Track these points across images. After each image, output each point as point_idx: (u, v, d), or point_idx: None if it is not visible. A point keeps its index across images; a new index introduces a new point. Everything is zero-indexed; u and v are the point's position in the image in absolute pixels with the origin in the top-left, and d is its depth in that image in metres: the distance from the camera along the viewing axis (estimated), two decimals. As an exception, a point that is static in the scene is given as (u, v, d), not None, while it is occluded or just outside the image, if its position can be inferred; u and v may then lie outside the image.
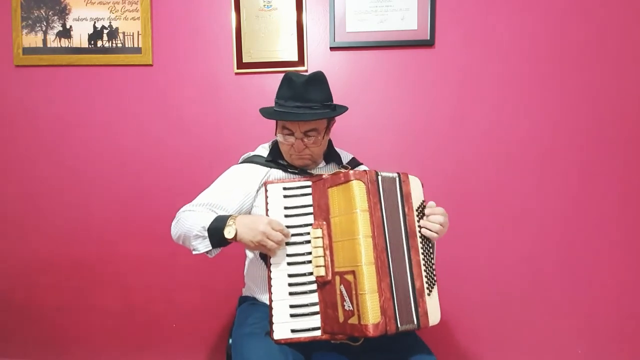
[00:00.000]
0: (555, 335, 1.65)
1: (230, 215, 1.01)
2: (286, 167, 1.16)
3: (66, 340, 1.75)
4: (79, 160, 1.71)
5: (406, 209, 0.99)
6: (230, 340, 1.13)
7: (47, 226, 1.72)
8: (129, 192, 1.70)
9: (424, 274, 0.98)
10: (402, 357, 0.97)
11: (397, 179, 1.00)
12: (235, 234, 0.97)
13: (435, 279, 1.00)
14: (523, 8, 1.60)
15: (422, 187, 1.06)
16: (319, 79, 1.10)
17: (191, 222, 1.03)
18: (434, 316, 0.96)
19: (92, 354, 1.75)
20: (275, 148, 1.19)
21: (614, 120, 1.60)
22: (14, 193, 1.72)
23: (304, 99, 1.07)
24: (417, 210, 1.02)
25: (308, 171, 1.17)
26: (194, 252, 1.03)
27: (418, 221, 1.01)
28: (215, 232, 0.99)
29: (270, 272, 0.98)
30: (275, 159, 1.17)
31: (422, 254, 0.99)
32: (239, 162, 1.22)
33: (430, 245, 1.02)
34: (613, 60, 1.59)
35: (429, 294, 0.97)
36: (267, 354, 0.91)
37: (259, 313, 1.08)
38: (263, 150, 1.23)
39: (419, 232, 1.00)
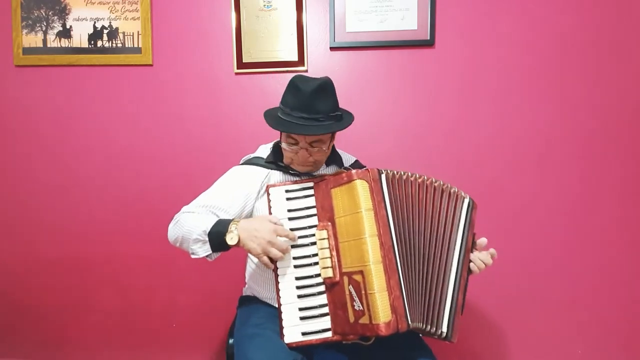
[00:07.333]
0: (555, 335, 1.65)
1: (232, 220, 0.98)
2: (287, 169, 1.14)
3: (66, 340, 1.75)
4: (79, 160, 1.71)
5: (468, 234, 1.04)
6: (231, 340, 1.13)
7: (47, 226, 1.71)
8: (128, 192, 1.70)
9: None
10: (404, 357, 0.97)
11: (470, 205, 1.06)
12: (238, 241, 0.95)
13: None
14: (523, 7, 1.60)
15: None
16: (326, 88, 1.05)
17: (191, 224, 1.00)
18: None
19: (92, 354, 1.75)
20: (276, 150, 1.17)
21: (615, 119, 1.60)
22: (13, 193, 1.72)
23: (311, 110, 1.02)
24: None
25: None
26: (192, 256, 1.01)
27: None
28: (217, 236, 0.96)
29: (277, 275, 0.98)
30: (276, 160, 1.15)
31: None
32: (240, 163, 1.20)
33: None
34: (615, 58, 1.59)
35: (461, 312, 1.02)
36: (271, 355, 0.91)
37: (262, 313, 1.08)
38: (264, 151, 1.21)
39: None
